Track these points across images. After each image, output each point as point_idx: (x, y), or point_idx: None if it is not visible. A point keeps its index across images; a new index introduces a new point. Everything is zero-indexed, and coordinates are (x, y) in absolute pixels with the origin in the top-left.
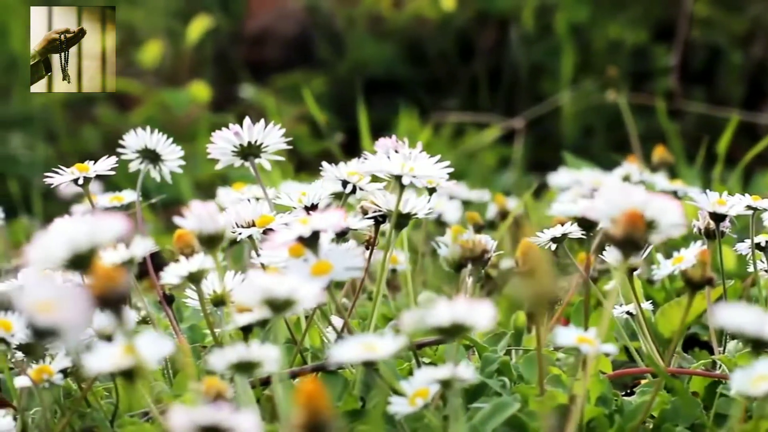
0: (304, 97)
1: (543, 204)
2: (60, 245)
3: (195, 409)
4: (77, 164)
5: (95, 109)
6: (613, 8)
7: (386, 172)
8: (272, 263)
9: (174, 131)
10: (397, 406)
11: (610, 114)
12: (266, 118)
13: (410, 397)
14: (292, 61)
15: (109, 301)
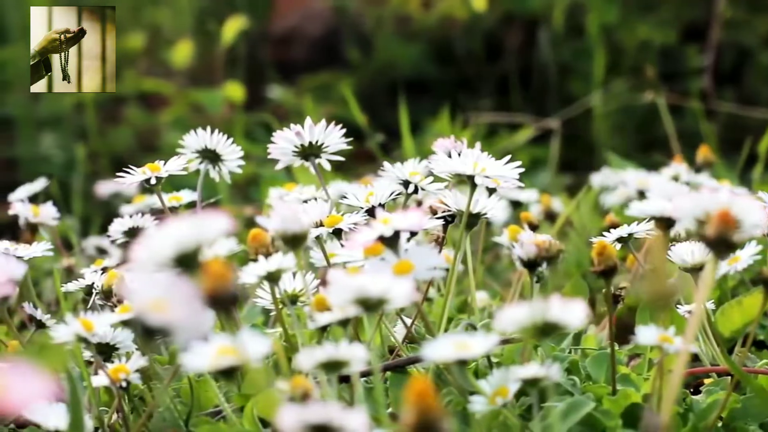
0: (332, 97)
1: (582, 203)
2: (167, 244)
3: (305, 408)
4: (149, 164)
5: (124, 110)
6: (642, 9)
7: (459, 172)
8: (349, 263)
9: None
10: (476, 404)
11: (640, 114)
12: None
13: (490, 396)
14: (319, 62)
15: (220, 300)
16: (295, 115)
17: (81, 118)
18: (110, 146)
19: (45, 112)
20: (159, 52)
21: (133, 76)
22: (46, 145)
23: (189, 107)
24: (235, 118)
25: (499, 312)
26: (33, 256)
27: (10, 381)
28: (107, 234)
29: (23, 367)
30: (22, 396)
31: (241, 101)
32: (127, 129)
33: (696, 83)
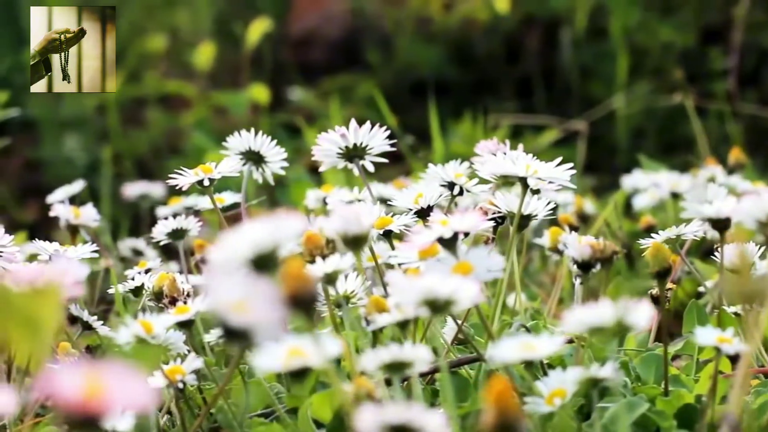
0: (353, 99)
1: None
2: (244, 245)
3: (384, 409)
4: (201, 165)
5: (145, 112)
6: (663, 11)
7: (512, 174)
8: (405, 264)
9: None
10: (533, 405)
11: (662, 117)
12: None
13: (547, 396)
14: (338, 64)
15: (300, 301)
16: (319, 117)
17: (103, 119)
18: (133, 148)
19: (67, 113)
20: (178, 54)
21: (155, 78)
22: (69, 146)
23: (211, 109)
24: (257, 120)
25: (567, 313)
26: (82, 257)
27: (107, 382)
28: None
29: (118, 367)
30: (119, 397)
31: (266, 103)
32: (150, 131)
33: (719, 85)
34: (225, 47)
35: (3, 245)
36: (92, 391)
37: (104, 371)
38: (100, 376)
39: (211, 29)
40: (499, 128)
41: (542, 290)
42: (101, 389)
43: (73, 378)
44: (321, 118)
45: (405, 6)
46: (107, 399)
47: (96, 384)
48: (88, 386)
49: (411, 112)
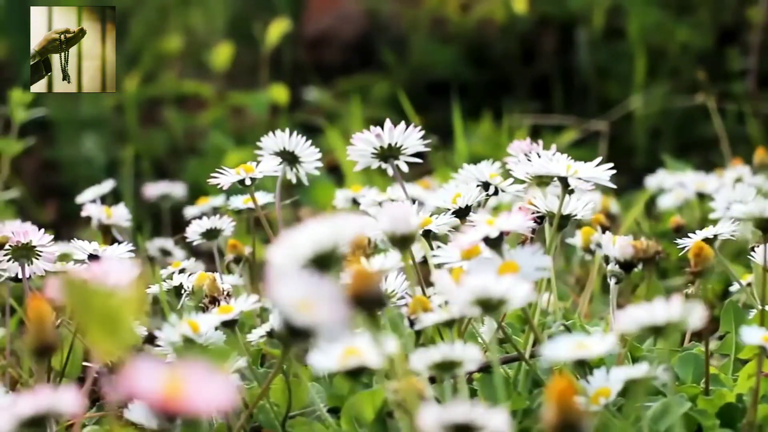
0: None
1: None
2: (305, 245)
3: (447, 408)
4: (243, 165)
5: (162, 112)
6: (679, 12)
7: (553, 174)
8: (447, 264)
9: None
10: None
11: (678, 117)
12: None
13: (592, 395)
14: (353, 64)
15: (365, 301)
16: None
17: (120, 120)
18: (151, 148)
19: (85, 114)
20: (193, 54)
21: (172, 78)
22: (87, 147)
23: (228, 109)
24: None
25: (619, 313)
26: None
27: (189, 382)
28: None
29: (198, 366)
30: (201, 397)
31: (285, 103)
32: (167, 131)
33: (738, 86)
34: (240, 47)
35: (42, 245)
36: (173, 389)
37: (185, 370)
38: (181, 375)
39: (225, 29)
40: (520, 128)
41: (569, 290)
42: (182, 388)
43: (154, 376)
44: (338, 118)
45: (421, 6)
46: (188, 397)
47: (177, 382)
48: (169, 384)
49: (426, 113)
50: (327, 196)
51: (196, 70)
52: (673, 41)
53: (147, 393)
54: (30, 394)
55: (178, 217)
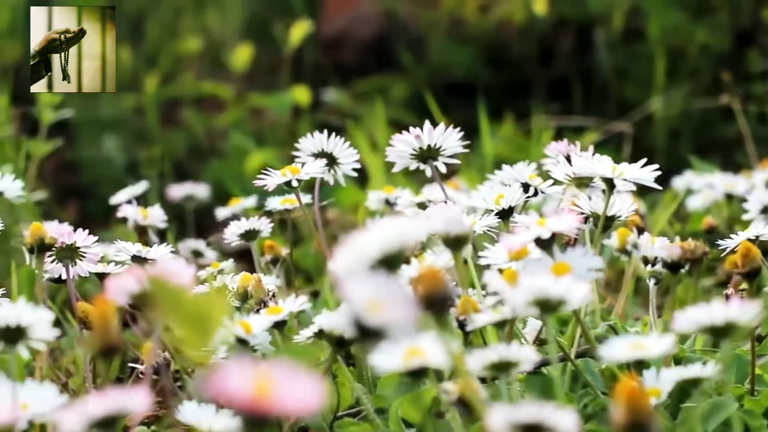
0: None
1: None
2: (372, 246)
3: (516, 407)
4: (288, 166)
5: (180, 113)
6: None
7: (598, 175)
8: (494, 265)
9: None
10: None
11: (697, 118)
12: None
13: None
14: (370, 65)
15: (434, 302)
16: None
17: (140, 120)
18: (171, 149)
19: (105, 115)
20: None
21: (191, 79)
22: (107, 147)
23: (247, 110)
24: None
25: (677, 313)
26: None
27: (277, 383)
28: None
29: (286, 367)
30: (290, 398)
31: (307, 104)
32: (187, 132)
33: (758, 87)
34: (257, 48)
35: (87, 246)
36: (262, 390)
37: (272, 371)
38: (268, 376)
39: (241, 30)
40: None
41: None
42: (271, 389)
43: (242, 377)
44: (358, 119)
45: (438, 7)
46: (277, 399)
47: (265, 384)
48: (257, 386)
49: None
50: (350, 198)
51: (213, 71)
52: (692, 43)
53: (235, 394)
54: (100, 395)
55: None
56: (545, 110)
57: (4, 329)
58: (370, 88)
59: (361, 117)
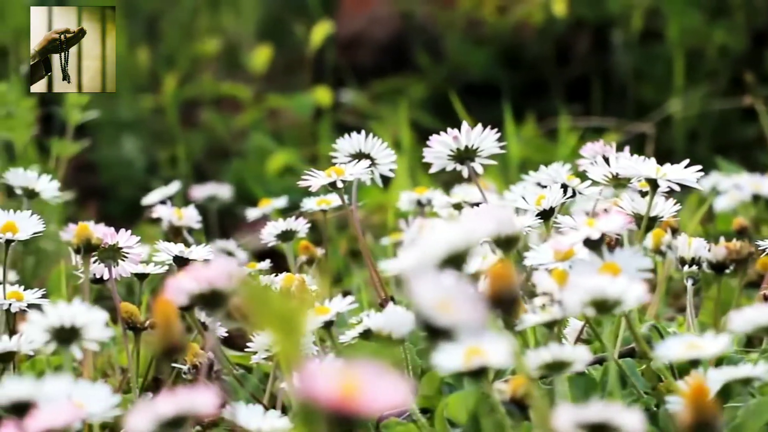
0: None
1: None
2: (438, 245)
3: (583, 407)
4: (333, 167)
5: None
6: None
7: (642, 176)
8: (541, 265)
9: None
10: (675, 405)
11: (715, 119)
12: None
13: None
14: (385, 66)
15: (503, 302)
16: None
17: (158, 121)
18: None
19: (123, 115)
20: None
21: (209, 80)
22: (127, 148)
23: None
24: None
25: (733, 314)
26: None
27: (364, 382)
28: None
29: (372, 367)
30: (378, 397)
31: (329, 106)
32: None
33: None
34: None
35: (129, 246)
36: (348, 390)
37: (359, 370)
38: (355, 376)
39: (257, 31)
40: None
41: None
42: (356, 389)
43: (329, 377)
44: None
45: (455, 8)
46: (364, 398)
47: (351, 383)
48: (345, 385)
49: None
50: (373, 198)
51: (228, 72)
52: (710, 44)
53: (323, 394)
54: (169, 395)
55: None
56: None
57: (58, 329)
58: (388, 89)
59: (380, 118)
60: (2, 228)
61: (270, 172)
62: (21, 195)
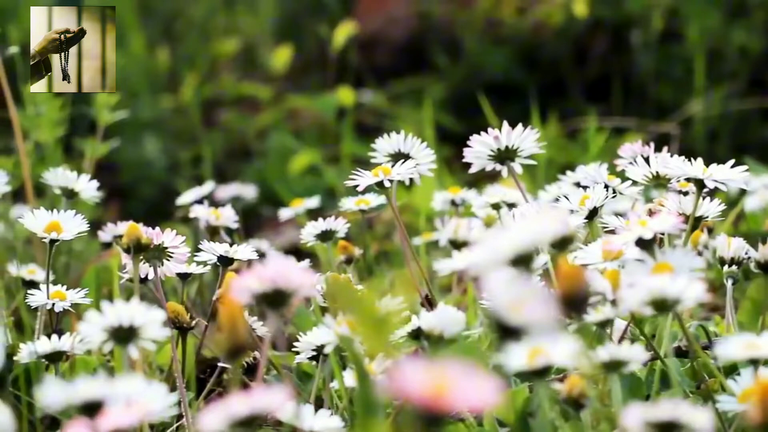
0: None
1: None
2: (506, 245)
3: (652, 406)
4: (380, 167)
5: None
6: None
7: (689, 176)
8: (590, 265)
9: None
10: (726, 404)
11: (734, 120)
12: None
13: (740, 395)
14: (402, 67)
15: (574, 302)
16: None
17: (178, 122)
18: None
19: (144, 116)
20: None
21: (230, 81)
22: (148, 149)
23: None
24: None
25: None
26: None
27: (454, 381)
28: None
29: (460, 366)
30: (468, 396)
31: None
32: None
33: None
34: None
35: (174, 246)
36: (439, 389)
37: (448, 369)
38: (445, 374)
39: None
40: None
41: None
42: (448, 387)
43: (420, 376)
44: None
45: (473, 8)
46: (454, 397)
47: (442, 382)
48: (434, 384)
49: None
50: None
51: (245, 72)
52: (730, 45)
53: (414, 393)
54: (242, 394)
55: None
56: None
57: (117, 329)
58: (406, 89)
59: (399, 118)
60: (47, 228)
61: (293, 171)
62: (60, 195)
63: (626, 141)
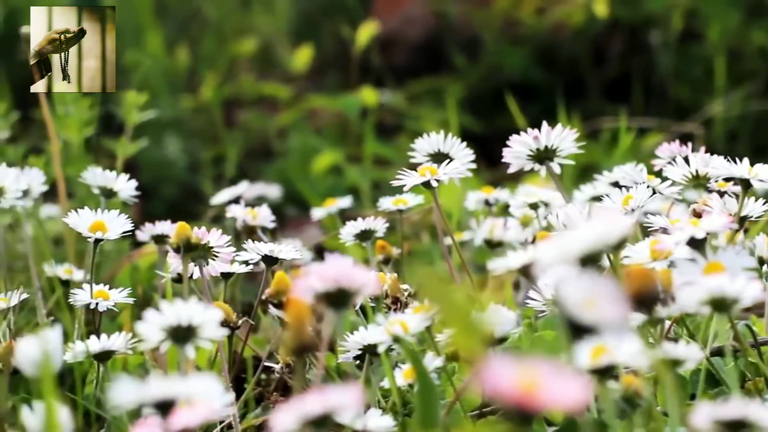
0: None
1: None
2: (575, 244)
3: (721, 405)
4: (426, 166)
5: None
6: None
7: (735, 176)
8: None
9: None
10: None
11: (755, 120)
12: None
13: None
14: (419, 67)
15: (645, 301)
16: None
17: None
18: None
19: (164, 116)
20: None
21: (249, 80)
22: (169, 149)
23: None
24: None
25: None
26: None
27: (545, 379)
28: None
29: (550, 364)
30: (559, 393)
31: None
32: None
33: None
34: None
35: (220, 246)
36: (529, 387)
37: (538, 368)
38: (535, 373)
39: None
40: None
41: None
42: (537, 386)
43: (510, 374)
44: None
45: (491, 8)
46: (544, 395)
47: (532, 380)
48: (525, 383)
49: (497, 115)
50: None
51: (262, 71)
52: (750, 45)
53: (505, 391)
54: (316, 393)
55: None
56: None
57: (175, 328)
58: (424, 89)
59: (418, 118)
60: (91, 227)
61: (315, 171)
62: (94, 195)
63: (649, 141)
